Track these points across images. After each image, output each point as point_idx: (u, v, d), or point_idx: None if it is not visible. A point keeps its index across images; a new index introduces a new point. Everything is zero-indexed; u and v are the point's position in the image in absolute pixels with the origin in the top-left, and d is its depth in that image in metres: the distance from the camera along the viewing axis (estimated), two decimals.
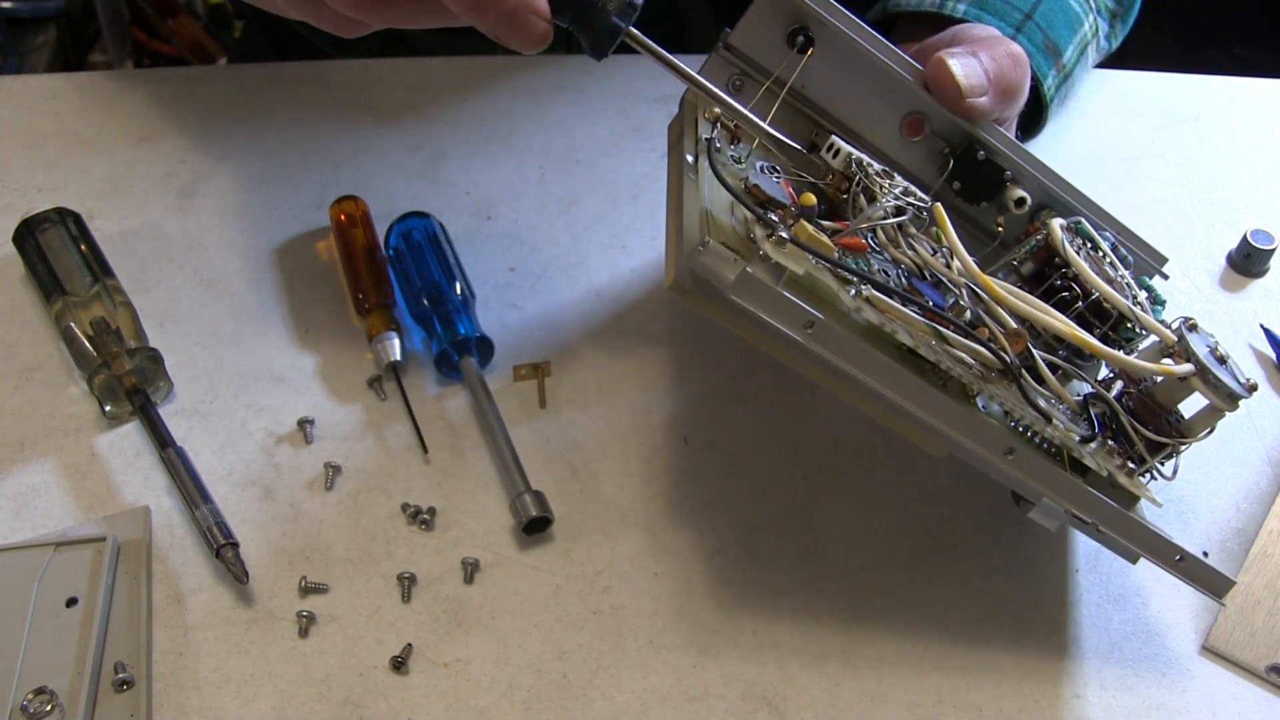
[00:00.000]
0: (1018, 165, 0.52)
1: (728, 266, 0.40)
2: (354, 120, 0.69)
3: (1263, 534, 0.53)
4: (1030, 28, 0.62)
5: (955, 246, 0.46)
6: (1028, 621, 0.50)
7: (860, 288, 0.42)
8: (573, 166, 0.67)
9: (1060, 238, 0.49)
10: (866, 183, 0.47)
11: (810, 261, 0.42)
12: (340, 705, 0.45)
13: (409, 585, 0.49)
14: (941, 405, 0.43)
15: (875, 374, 0.42)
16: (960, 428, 0.44)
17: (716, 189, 0.45)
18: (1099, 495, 0.45)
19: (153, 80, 0.72)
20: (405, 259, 0.59)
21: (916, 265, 0.47)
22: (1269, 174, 0.71)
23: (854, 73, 0.50)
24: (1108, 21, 0.70)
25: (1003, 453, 0.44)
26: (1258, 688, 0.48)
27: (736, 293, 0.40)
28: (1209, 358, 0.47)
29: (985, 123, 0.51)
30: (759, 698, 0.47)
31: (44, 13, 1.36)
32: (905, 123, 0.52)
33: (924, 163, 0.53)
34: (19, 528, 0.50)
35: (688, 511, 0.52)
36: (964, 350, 0.44)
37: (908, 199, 0.46)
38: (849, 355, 0.42)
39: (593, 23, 0.43)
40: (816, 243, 0.42)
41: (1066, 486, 0.45)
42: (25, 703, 0.43)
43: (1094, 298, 0.48)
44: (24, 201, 0.62)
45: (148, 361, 0.54)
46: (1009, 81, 0.52)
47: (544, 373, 0.57)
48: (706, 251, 0.40)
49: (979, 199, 0.53)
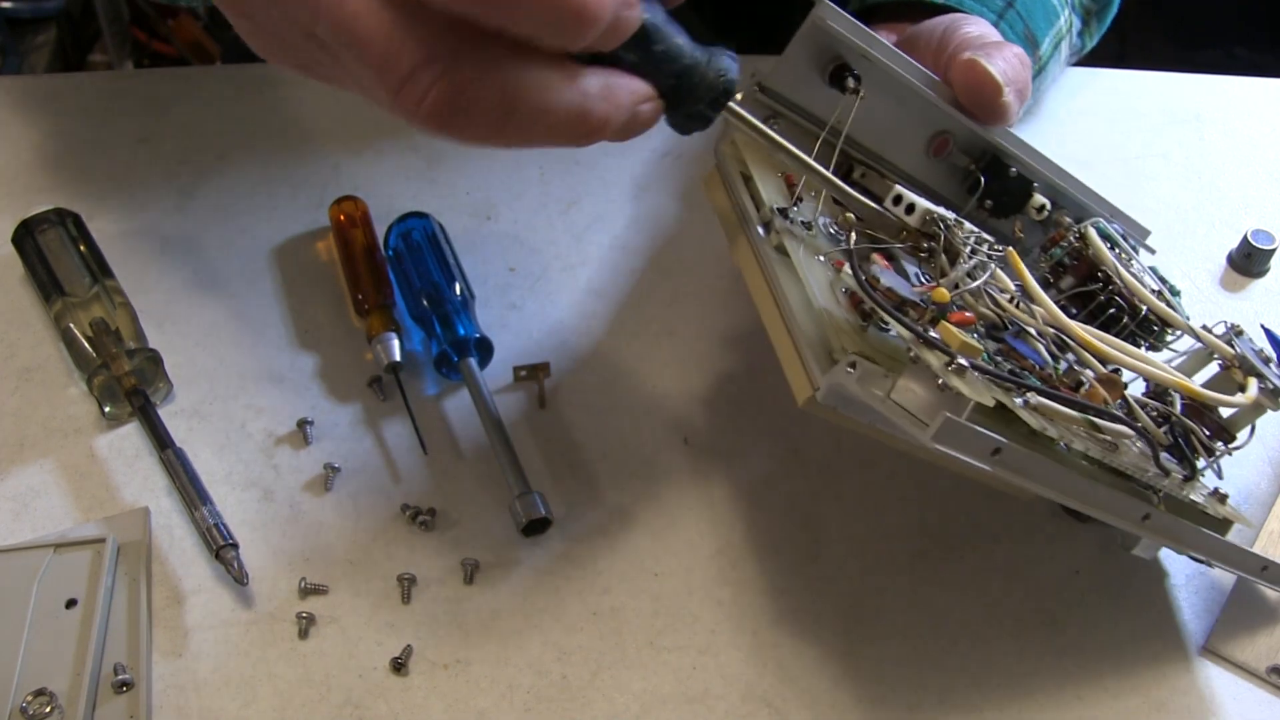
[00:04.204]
0: (1034, 169, 0.51)
1: (893, 388, 0.37)
2: (354, 120, 0.69)
3: (1263, 535, 0.53)
4: (1012, 16, 0.61)
5: (1038, 295, 0.44)
6: (1028, 622, 0.50)
7: (1028, 397, 0.40)
8: (573, 167, 0.67)
9: (1109, 256, 0.48)
10: (949, 239, 0.43)
11: (1000, 392, 0.39)
12: (340, 706, 0.45)
13: (409, 586, 0.49)
14: (1112, 499, 0.42)
15: (1054, 483, 0.40)
16: (1111, 508, 0.42)
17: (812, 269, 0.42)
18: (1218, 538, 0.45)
19: (153, 80, 0.72)
20: (405, 259, 0.59)
21: (999, 317, 0.43)
22: (1269, 174, 0.71)
23: (887, 100, 0.48)
24: (1081, 19, 0.70)
25: (1139, 519, 0.43)
26: (1258, 688, 0.48)
27: (936, 439, 0.37)
28: (1259, 360, 0.47)
29: (1007, 126, 0.50)
30: (759, 698, 0.47)
31: (44, 13, 1.36)
32: (933, 144, 0.50)
33: (948, 182, 0.51)
34: (18, 529, 0.50)
35: (688, 511, 0.52)
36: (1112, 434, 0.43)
37: (982, 248, 0.44)
38: (1033, 473, 0.39)
39: (683, 107, 0.39)
40: (969, 349, 0.38)
41: (1188, 536, 0.45)
42: (25, 704, 0.43)
43: (1144, 313, 0.48)
44: (24, 202, 0.62)
45: (147, 362, 0.54)
46: (1024, 82, 0.50)
47: (544, 373, 0.57)
48: (859, 374, 0.38)
49: (1009, 213, 0.51)
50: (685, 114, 0.39)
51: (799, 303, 0.42)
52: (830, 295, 0.42)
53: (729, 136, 0.48)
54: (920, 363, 0.38)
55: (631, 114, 0.36)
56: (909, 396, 0.38)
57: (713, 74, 0.38)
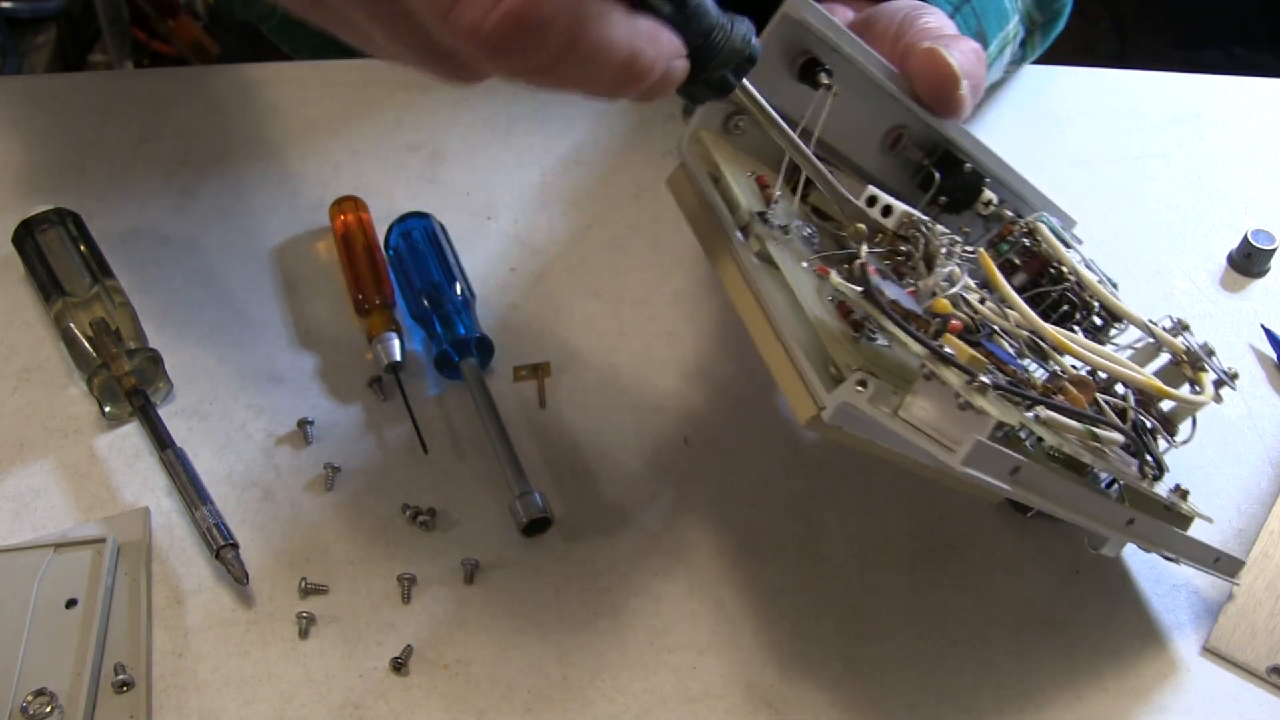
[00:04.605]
0: (980, 163, 0.50)
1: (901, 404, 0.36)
2: (354, 120, 0.69)
3: (1263, 535, 0.53)
4: (967, 11, 0.61)
5: (1012, 299, 0.43)
6: (1028, 622, 0.50)
7: (1038, 411, 0.39)
8: (573, 166, 0.67)
9: (1066, 254, 0.47)
10: (928, 243, 0.42)
11: (1022, 414, 0.38)
12: (340, 706, 0.45)
13: (409, 586, 0.49)
14: (1105, 507, 0.42)
15: (1066, 500, 0.40)
16: (1099, 515, 0.42)
17: (800, 278, 0.41)
18: (1181, 533, 0.46)
19: (153, 80, 0.72)
20: (405, 259, 0.59)
21: (972, 320, 0.42)
22: (1269, 174, 0.71)
23: (850, 94, 0.47)
24: (1026, 29, 0.70)
25: (1124, 524, 0.43)
26: (1258, 689, 0.48)
27: (967, 463, 0.36)
28: (1203, 353, 0.48)
29: (961, 120, 0.49)
30: (759, 698, 0.47)
31: (44, 13, 1.36)
32: (888, 138, 0.49)
33: (900, 177, 0.50)
34: (19, 529, 0.50)
35: (688, 511, 0.52)
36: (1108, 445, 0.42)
37: (956, 250, 0.43)
38: (1049, 491, 0.39)
39: (705, 73, 0.38)
40: (977, 364, 0.37)
41: (1159, 534, 0.45)
42: (25, 704, 0.43)
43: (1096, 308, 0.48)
44: (24, 201, 0.62)
45: (147, 362, 0.54)
46: (979, 77, 0.50)
47: (544, 373, 0.57)
48: (872, 394, 0.36)
49: (961, 209, 0.51)
50: (705, 79, 0.39)
51: (789, 312, 0.41)
52: (819, 304, 0.41)
53: (694, 134, 0.47)
54: (934, 379, 0.37)
55: (669, 66, 0.36)
56: (922, 414, 0.37)
57: (738, 39, 0.38)
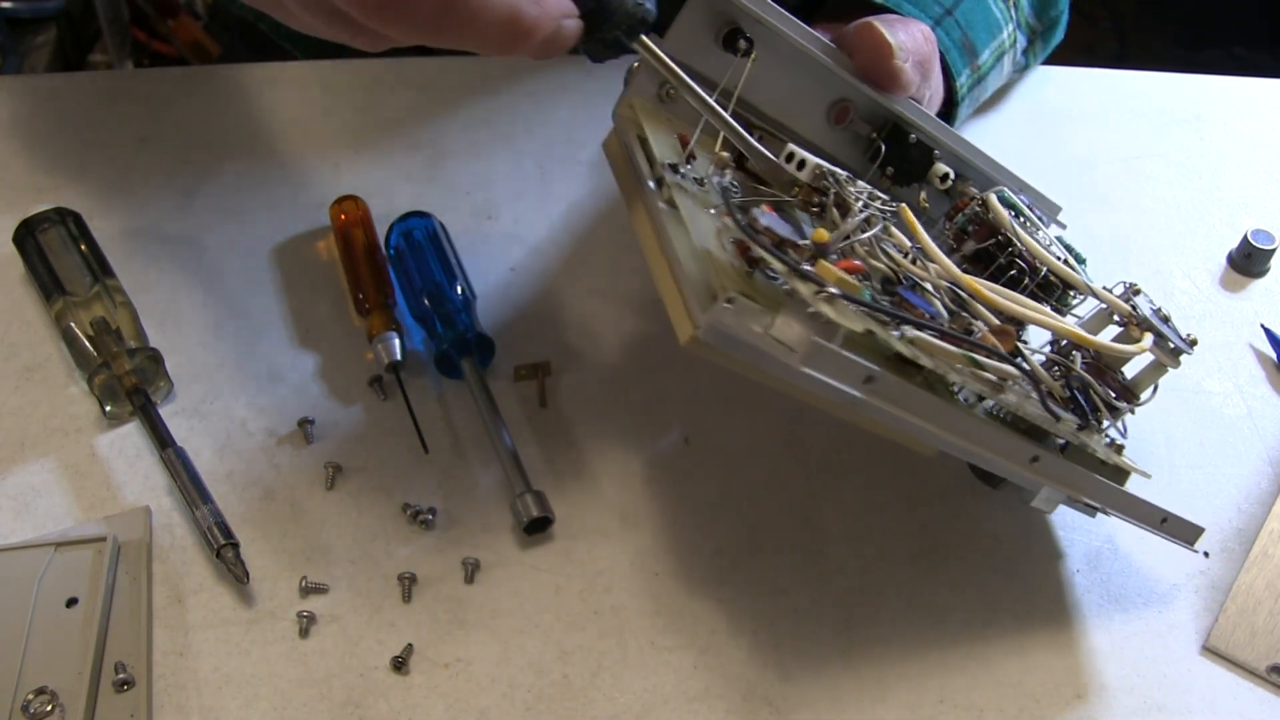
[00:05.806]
0: (937, 139, 0.52)
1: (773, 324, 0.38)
2: (354, 120, 0.69)
3: (1263, 534, 0.53)
4: (949, 23, 0.63)
5: (931, 250, 0.45)
6: (1028, 622, 0.50)
7: (904, 330, 0.41)
8: (573, 167, 0.67)
9: (1008, 219, 0.49)
10: (839, 193, 0.45)
11: (870, 320, 0.40)
12: (341, 706, 0.45)
13: (409, 585, 0.49)
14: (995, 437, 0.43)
15: (933, 418, 0.41)
16: (998, 448, 0.43)
17: (698, 218, 0.43)
18: (1115, 486, 0.46)
19: (153, 80, 0.72)
20: (406, 259, 0.59)
21: (894, 272, 0.45)
22: (1269, 174, 0.71)
23: (783, 66, 0.48)
24: (1026, 37, 0.71)
25: (1028, 461, 0.44)
26: (1258, 688, 0.48)
27: (805, 363, 0.38)
28: (1157, 319, 0.49)
29: (907, 96, 0.51)
30: (760, 698, 0.47)
31: (44, 13, 1.36)
32: (833, 111, 0.51)
33: (850, 150, 0.52)
34: (19, 528, 0.50)
35: (688, 511, 0.52)
36: (995, 372, 0.43)
37: (874, 204, 0.45)
38: (909, 404, 0.41)
39: (600, 33, 0.42)
40: (847, 285, 0.39)
41: (1083, 481, 0.45)
42: (26, 702, 0.43)
43: (1044, 273, 0.49)
44: (24, 201, 0.62)
45: (148, 361, 0.54)
46: (925, 54, 0.52)
47: (544, 373, 0.57)
48: (736, 309, 0.38)
49: (910, 180, 0.53)
50: (601, 40, 0.42)
51: (685, 250, 0.43)
52: (717, 243, 0.43)
53: (626, 100, 0.48)
54: (795, 296, 0.39)
55: (557, 26, 0.39)
56: (787, 331, 0.39)
57: (630, 3, 0.41)
